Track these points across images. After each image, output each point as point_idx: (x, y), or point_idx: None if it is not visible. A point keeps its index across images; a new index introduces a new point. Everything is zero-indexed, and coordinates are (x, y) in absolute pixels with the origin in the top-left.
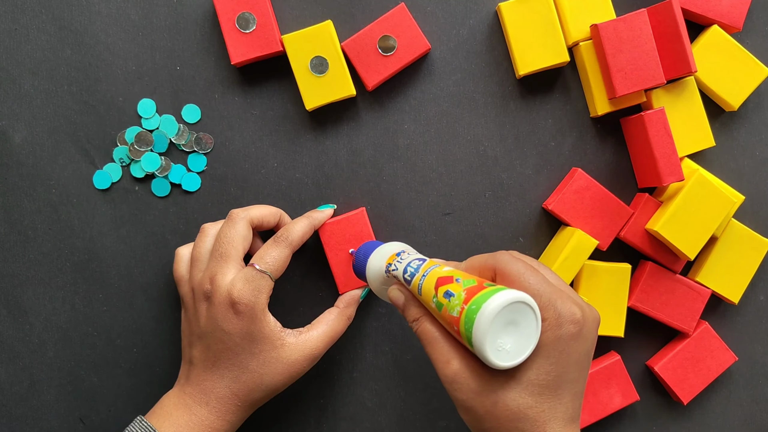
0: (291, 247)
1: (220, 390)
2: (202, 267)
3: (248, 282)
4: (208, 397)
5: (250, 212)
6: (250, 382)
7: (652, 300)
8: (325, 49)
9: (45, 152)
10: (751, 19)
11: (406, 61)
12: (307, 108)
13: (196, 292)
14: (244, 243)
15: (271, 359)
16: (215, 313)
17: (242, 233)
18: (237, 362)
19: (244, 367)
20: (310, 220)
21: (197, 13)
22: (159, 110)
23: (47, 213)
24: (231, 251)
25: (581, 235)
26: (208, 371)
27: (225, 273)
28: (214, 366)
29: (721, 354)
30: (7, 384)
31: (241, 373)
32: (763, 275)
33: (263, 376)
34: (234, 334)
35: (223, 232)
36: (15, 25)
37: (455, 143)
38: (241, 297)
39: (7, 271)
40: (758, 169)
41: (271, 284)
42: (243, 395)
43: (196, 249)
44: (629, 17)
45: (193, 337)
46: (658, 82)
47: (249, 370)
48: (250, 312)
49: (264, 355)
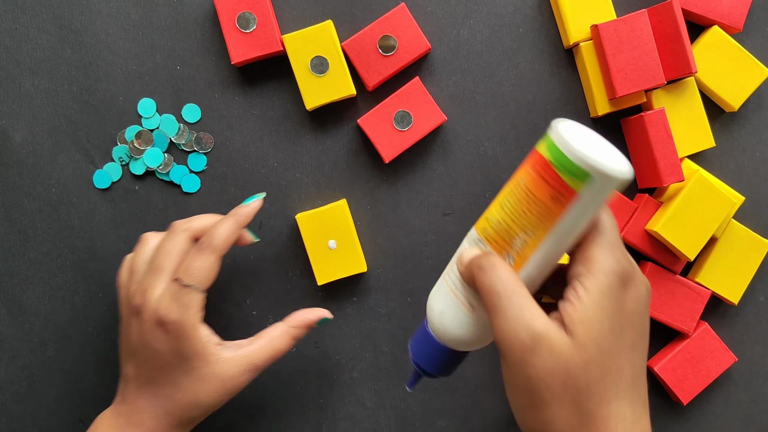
0: (216, 253)
1: (154, 409)
2: (137, 278)
3: (174, 299)
4: (141, 417)
5: (192, 224)
6: (185, 400)
7: (652, 301)
8: (325, 49)
9: (45, 151)
10: (751, 19)
11: (407, 61)
12: (308, 108)
13: (129, 305)
14: (181, 256)
15: (204, 376)
16: (144, 332)
17: (181, 246)
18: (169, 380)
19: (177, 386)
20: (235, 218)
21: (197, 12)
22: (159, 110)
23: (47, 212)
24: (166, 264)
25: None
26: (142, 389)
27: (155, 287)
28: (147, 384)
29: (720, 355)
30: (6, 383)
31: (175, 392)
32: (763, 276)
33: (197, 394)
34: (164, 353)
35: (162, 245)
36: (15, 24)
37: (455, 143)
38: (168, 315)
39: (6, 270)
40: (758, 169)
41: (201, 297)
42: (178, 414)
43: (135, 258)
44: (629, 18)
45: (127, 352)
46: (659, 82)
47: (182, 388)
48: (178, 329)
49: (197, 372)
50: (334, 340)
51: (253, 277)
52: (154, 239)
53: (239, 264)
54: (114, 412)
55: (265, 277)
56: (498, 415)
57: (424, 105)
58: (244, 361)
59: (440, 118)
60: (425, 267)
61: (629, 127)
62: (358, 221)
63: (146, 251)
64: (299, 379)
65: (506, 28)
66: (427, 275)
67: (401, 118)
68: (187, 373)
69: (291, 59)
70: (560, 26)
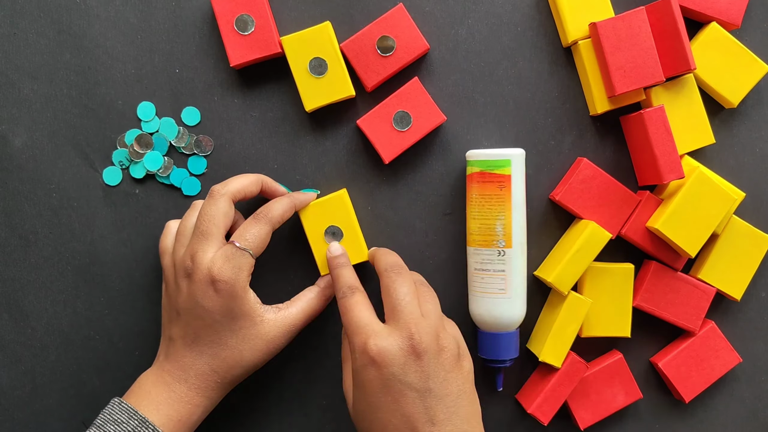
0: (271, 224)
1: (200, 366)
2: (185, 242)
3: (228, 260)
4: (187, 373)
5: (230, 187)
6: (230, 359)
7: (657, 299)
8: (323, 51)
9: (45, 156)
10: (749, 16)
11: (405, 61)
12: (307, 109)
13: (177, 268)
14: (225, 220)
15: (250, 336)
16: (195, 291)
17: (223, 210)
18: (217, 339)
19: (223, 344)
20: (292, 199)
21: (196, 15)
22: (158, 113)
23: (48, 217)
24: (212, 229)
25: (595, 228)
26: (188, 348)
27: (205, 250)
28: (194, 343)
29: (725, 354)
30: (9, 388)
31: (221, 350)
32: (764, 272)
33: (243, 353)
34: (214, 312)
35: (204, 210)
36: (14, 29)
37: (455, 143)
38: (221, 275)
39: (8, 275)
40: (758, 165)
41: (252, 261)
42: (222, 372)
43: (182, 224)
44: (628, 15)
45: (173, 313)
46: (657, 79)
47: (229, 347)
48: (230, 289)
49: (244, 332)
50: (335, 340)
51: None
52: (200, 205)
53: None
54: (158, 369)
55: (266, 278)
56: (502, 415)
57: (423, 105)
58: (285, 323)
59: (439, 118)
60: (426, 267)
61: (629, 125)
62: (359, 221)
63: (193, 216)
64: (301, 380)
65: (505, 27)
66: (427, 275)
67: (401, 119)
68: (234, 332)
69: (290, 61)
70: (558, 25)
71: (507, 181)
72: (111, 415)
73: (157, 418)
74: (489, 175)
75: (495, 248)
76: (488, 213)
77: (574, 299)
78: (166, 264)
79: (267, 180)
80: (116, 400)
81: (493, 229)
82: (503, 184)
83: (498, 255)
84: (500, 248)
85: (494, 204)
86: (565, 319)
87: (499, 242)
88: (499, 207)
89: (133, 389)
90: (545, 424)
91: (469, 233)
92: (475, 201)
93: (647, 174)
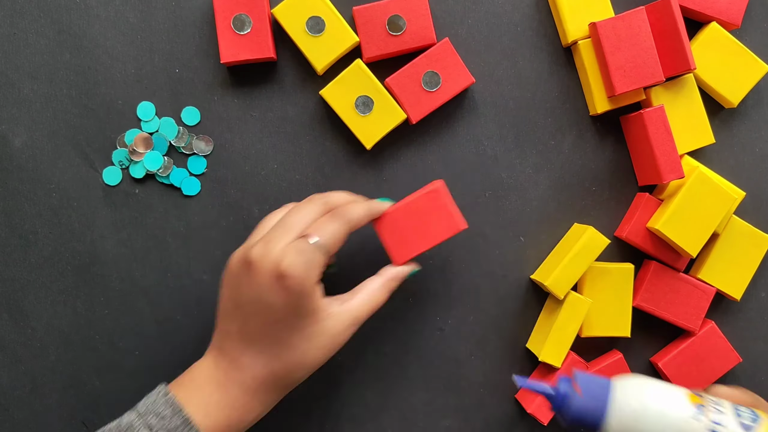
0: (349, 225)
1: (258, 368)
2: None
3: (301, 254)
4: (244, 375)
5: (330, 198)
6: (292, 360)
7: (657, 299)
8: (316, 9)
9: (45, 156)
10: (749, 15)
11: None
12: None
13: (245, 257)
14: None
15: (315, 333)
16: (260, 284)
17: (316, 214)
18: (279, 338)
19: (285, 344)
20: (370, 205)
21: (195, 15)
22: (158, 113)
23: (48, 217)
24: (296, 224)
25: (593, 233)
26: (246, 345)
27: (279, 241)
28: (254, 340)
29: (725, 354)
30: (9, 388)
31: (282, 350)
32: (764, 272)
33: (306, 352)
34: (279, 308)
35: (298, 208)
36: (14, 29)
37: (454, 142)
38: (290, 270)
39: (8, 275)
40: (758, 165)
41: (323, 258)
42: (282, 374)
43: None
44: (628, 15)
45: (233, 307)
46: (657, 79)
47: (291, 347)
48: (299, 288)
49: (308, 329)
50: None
51: None
52: (292, 205)
53: None
54: (213, 363)
55: None
56: (501, 415)
57: (452, 66)
58: (349, 316)
59: (468, 79)
60: (426, 267)
61: (629, 125)
62: None
63: (281, 213)
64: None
65: (504, 27)
66: (428, 275)
67: (430, 79)
68: (299, 330)
69: (287, 29)
70: (558, 25)
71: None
72: (155, 406)
73: (205, 421)
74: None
75: None
76: None
77: (574, 299)
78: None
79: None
80: (163, 389)
81: None
82: None
83: None
84: None
85: None
86: (565, 319)
87: None
88: None
89: (184, 380)
90: (545, 424)
91: None
92: None
93: (647, 174)
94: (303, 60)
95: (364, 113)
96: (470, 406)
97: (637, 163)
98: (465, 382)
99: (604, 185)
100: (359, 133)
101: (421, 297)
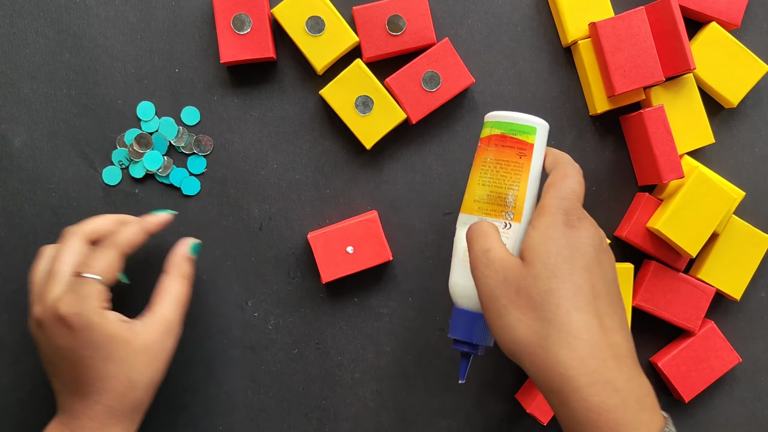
0: (117, 249)
1: (90, 409)
2: (37, 291)
3: (73, 291)
4: (82, 421)
5: (85, 227)
6: (118, 387)
7: (657, 299)
8: (316, 9)
9: (45, 156)
10: (749, 15)
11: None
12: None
13: (31, 320)
14: (76, 258)
15: (128, 355)
16: (51, 336)
17: (75, 248)
18: (94, 375)
19: (103, 376)
20: (142, 224)
21: (195, 15)
22: (158, 113)
23: (47, 216)
24: (61, 267)
25: None
26: (73, 396)
27: (52, 290)
28: (76, 388)
29: (725, 354)
30: (8, 388)
31: (104, 383)
32: (764, 271)
33: (129, 375)
34: (76, 349)
35: (56, 251)
36: (13, 29)
37: (454, 142)
38: (69, 309)
39: (7, 275)
40: (758, 165)
41: (101, 288)
42: (117, 403)
43: (32, 275)
44: (627, 15)
45: (48, 369)
46: (657, 79)
47: (110, 376)
48: (82, 322)
49: (117, 354)
50: (335, 340)
51: (254, 279)
52: (50, 250)
53: (240, 266)
54: (58, 423)
55: (266, 278)
56: (501, 415)
57: (452, 66)
58: (158, 322)
59: (468, 79)
60: (426, 267)
61: (628, 125)
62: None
63: (43, 264)
64: (301, 381)
65: (504, 27)
66: (428, 275)
67: (430, 79)
68: (109, 360)
69: (287, 29)
70: (558, 25)
71: (529, 149)
72: None
73: None
74: (511, 140)
75: (502, 219)
76: (502, 180)
77: None
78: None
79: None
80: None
81: (504, 198)
82: (524, 152)
83: (503, 227)
84: (507, 220)
85: (510, 172)
86: None
87: (508, 214)
88: (515, 176)
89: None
90: (545, 423)
91: (472, 200)
92: (489, 165)
93: (647, 173)
94: (303, 60)
95: (364, 113)
96: (470, 406)
97: (637, 162)
98: (464, 383)
99: (604, 185)
100: (359, 133)
101: (421, 297)
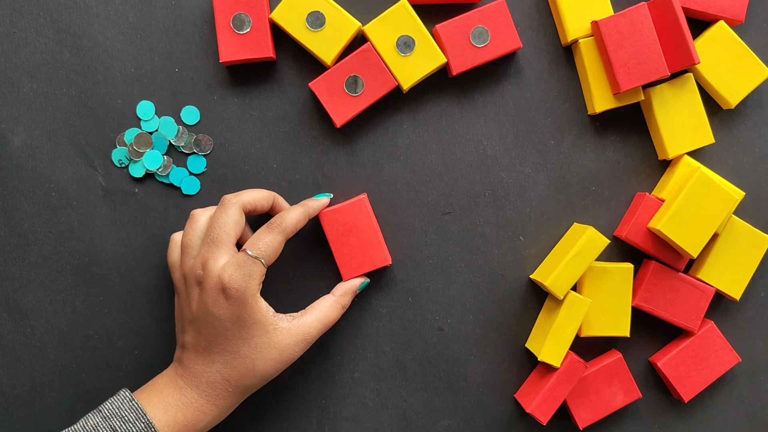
0: (284, 234)
1: (211, 374)
2: (193, 253)
3: (239, 267)
4: (198, 380)
5: (243, 197)
6: (242, 368)
7: (656, 299)
8: (313, 4)
9: (44, 155)
10: (749, 16)
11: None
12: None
13: (187, 277)
14: (236, 228)
15: (262, 344)
16: (206, 299)
17: (234, 218)
18: (228, 347)
19: (235, 353)
20: (305, 208)
21: (195, 14)
22: (158, 112)
23: (47, 216)
24: (223, 237)
25: (593, 233)
26: (200, 356)
27: (217, 258)
28: (206, 351)
29: (724, 354)
30: (8, 387)
31: (233, 359)
32: (764, 271)
33: (255, 362)
34: (225, 319)
35: (216, 218)
36: (13, 28)
37: (454, 142)
38: (231, 282)
39: (7, 275)
40: (757, 165)
41: (263, 270)
42: (234, 380)
43: (186, 236)
44: (629, 12)
45: (185, 322)
46: (662, 74)
47: (240, 356)
48: (240, 297)
49: (255, 340)
50: (335, 340)
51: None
52: (204, 215)
53: None
54: (173, 372)
55: (266, 279)
56: (501, 414)
57: (503, 27)
58: (300, 332)
59: (516, 43)
60: (426, 266)
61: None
62: None
63: (198, 227)
64: (301, 380)
65: None
66: (427, 274)
67: (479, 35)
68: (246, 341)
69: (288, 30)
70: (558, 24)
71: None
72: (119, 410)
73: (164, 419)
74: None
75: None
76: None
77: (574, 299)
78: (176, 277)
79: (279, 198)
80: (127, 394)
81: None
82: None
83: None
84: None
85: None
86: (565, 318)
87: None
88: None
89: (148, 386)
90: (544, 423)
91: None
92: None
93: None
94: (302, 59)
95: (405, 53)
96: (470, 406)
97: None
98: (464, 382)
99: (604, 185)
100: (398, 73)
101: (421, 297)
